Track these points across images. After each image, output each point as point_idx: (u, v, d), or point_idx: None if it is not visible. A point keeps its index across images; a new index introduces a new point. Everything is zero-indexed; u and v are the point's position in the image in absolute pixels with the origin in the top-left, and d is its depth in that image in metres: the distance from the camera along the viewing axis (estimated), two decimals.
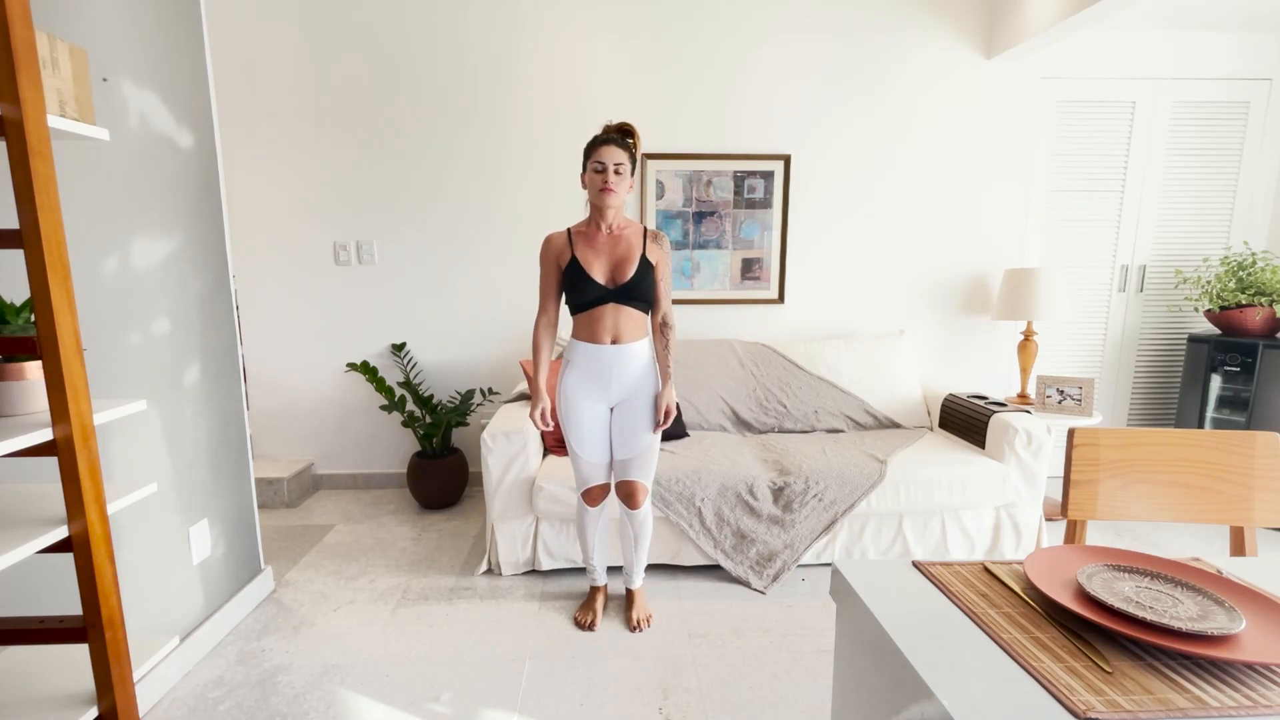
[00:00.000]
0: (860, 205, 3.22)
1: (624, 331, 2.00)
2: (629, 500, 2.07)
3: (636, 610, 2.15)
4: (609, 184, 1.93)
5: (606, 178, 1.93)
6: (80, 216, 1.55)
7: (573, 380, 2.04)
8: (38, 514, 1.12)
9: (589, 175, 1.96)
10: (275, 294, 3.18)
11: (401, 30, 3.00)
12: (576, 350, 2.04)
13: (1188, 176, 3.22)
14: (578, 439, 2.05)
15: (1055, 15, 2.63)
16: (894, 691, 0.78)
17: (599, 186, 1.94)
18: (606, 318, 1.99)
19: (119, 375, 1.67)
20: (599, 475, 2.08)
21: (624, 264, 1.98)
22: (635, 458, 2.04)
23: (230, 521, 2.14)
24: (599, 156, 1.94)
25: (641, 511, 2.10)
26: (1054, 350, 3.36)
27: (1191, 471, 1.29)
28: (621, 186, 1.95)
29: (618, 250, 2.00)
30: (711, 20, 3.04)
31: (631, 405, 2.05)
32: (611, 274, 1.99)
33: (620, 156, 1.94)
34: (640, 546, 2.14)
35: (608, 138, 1.96)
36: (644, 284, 1.97)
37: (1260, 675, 0.71)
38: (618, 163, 1.93)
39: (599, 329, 2.00)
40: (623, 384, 2.04)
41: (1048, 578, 0.87)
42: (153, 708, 1.72)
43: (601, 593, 2.21)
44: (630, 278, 1.97)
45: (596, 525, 2.13)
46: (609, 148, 1.93)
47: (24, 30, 0.97)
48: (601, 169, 1.93)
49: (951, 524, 2.45)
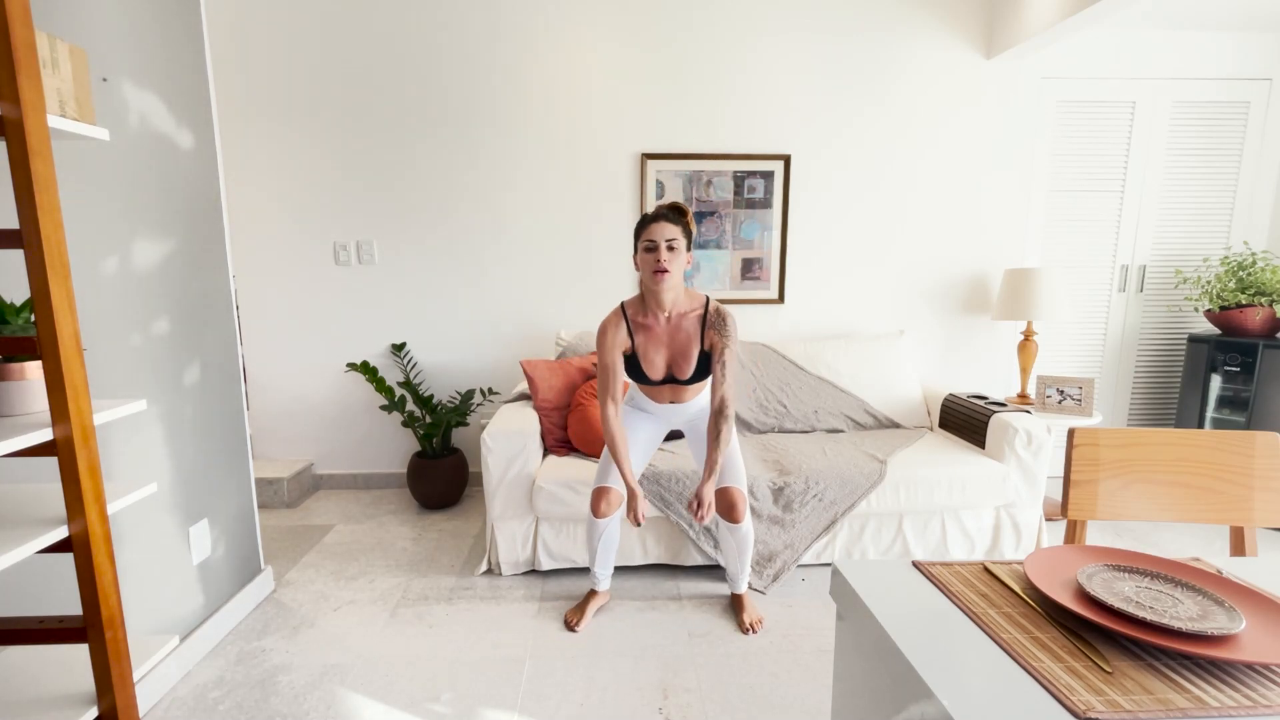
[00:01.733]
0: (860, 205, 3.22)
1: (684, 395, 2.07)
2: (729, 513, 2.03)
3: (747, 614, 2.11)
4: (662, 263, 1.82)
5: (659, 256, 1.83)
6: (80, 216, 1.55)
7: (635, 410, 2.13)
8: (38, 514, 1.12)
9: (640, 256, 1.87)
10: (275, 294, 3.18)
11: (401, 30, 3.00)
12: (639, 396, 2.12)
13: (1188, 176, 3.22)
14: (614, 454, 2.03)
15: (1055, 15, 2.63)
16: (894, 691, 0.78)
17: (652, 268, 1.84)
18: (665, 391, 2.06)
19: (119, 375, 1.67)
20: (619, 481, 2.05)
21: (682, 359, 1.95)
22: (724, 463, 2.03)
23: (230, 521, 2.14)
24: (649, 235, 1.84)
25: (743, 527, 2.06)
26: (1054, 350, 3.36)
27: (1191, 471, 1.29)
28: (676, 265, 1.85)
29: (677, 340, 1.95)
30: (712, 20, 3.04)
31: (700, 421, 2.12)
32: (669, 369, 1.98)
33: (673, 232, 1.84)
34: (743, 556, 2.12)
35: (658, 213, 1.86)
36: (702, 373, 1.98)
37: (1260, 675, 0.71)
38: (670, 239, 1.83)
39: (658, 395, 2.08)
40: (686, 419, 2.13)
41: (1048, 578, 0.87)
42: (153, 708, 1.72)
43: (597, 598, 2.19)
44: (689, 376, 1.97)
45: (601, 535, 2.10)
46: (659, 224, 1.84)
47: (24, 30, 0.97)
48: (653, 247, 1.83)
49: (951, 524, 2.45)
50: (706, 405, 2.09)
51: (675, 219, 1.86)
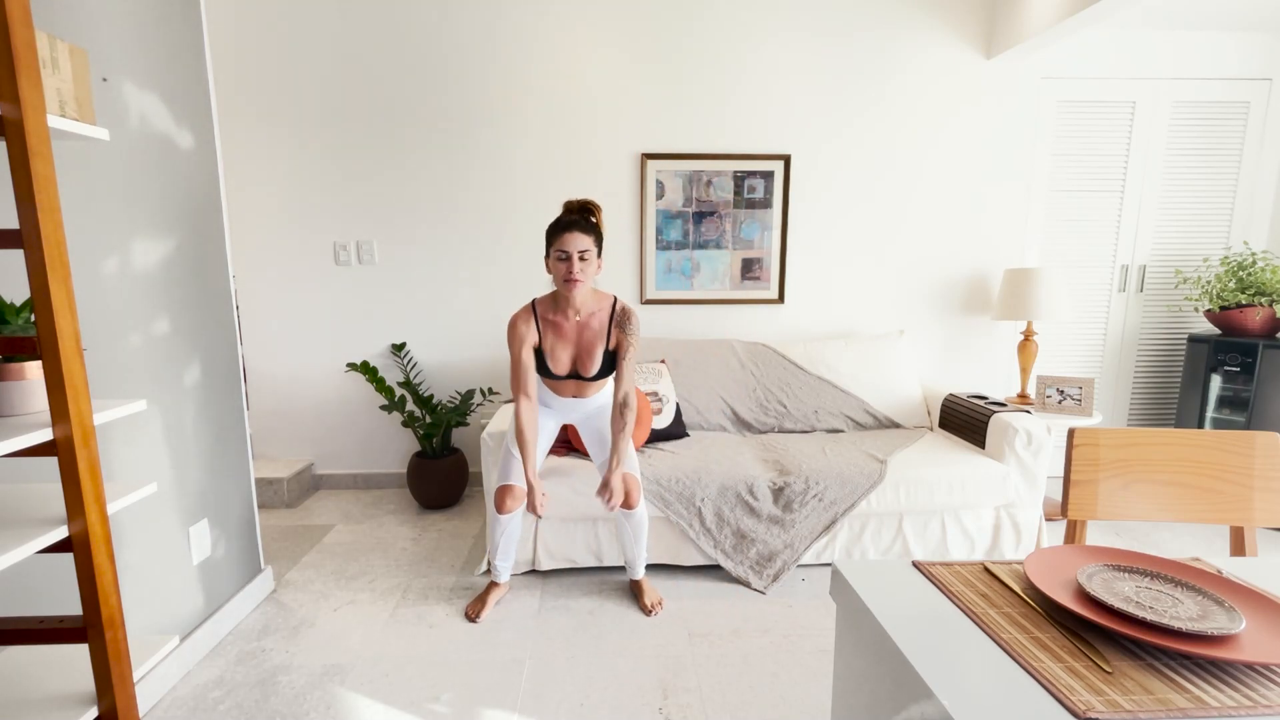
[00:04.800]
0: (860, 205, 3.22)
1: (587, 391, 2.12)
2: (625, 500, 2.09)
3: (648, 596, 2.21)
4: (573, 274, 1.89)
5: (571, 267, 1.89)
6: (80, 216, 1.55)
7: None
8: (38, 514, 1.12)
9: (553, 262, 1.93)
10: (275, 294, 3.18)
11: (402, 30, 3.00)
12: (540, 389, 2.14)
13: (1188, 176, 3.22)
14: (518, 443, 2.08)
15: (1055, 15, 2.63)
16: (894, 691, 0.78)
17: (563, 276, 1.91)
18: (569, 386, 2.11)
19: (119, 375, 1.67)
20: (520, 478, 2.09)
21: (587, 356, 2.02)
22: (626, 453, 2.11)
23: (230, 521, 2.14)
24: (561, 245, 1.90)
25: (638, 512, 2.14)
26: (1054, 350, 3.36)
27: (1191, 471, 1.29)
28: (587, 274, 1.91)
29: (583, 339, 2.02)
30: (712, 20, 3.04)
31: (597, 419, 2.18)
32: (574, 366, 2.05)
33: (585, 243, 1.90)
34: (640, 541, 2.20)
35: (570, 220, 1.91)
36: (605, 372, 2.06)
37: (1260, 675, 0.71)
38: (582, 250, 1.89)
39: (561, 389, 2.12)
40: (583, 415, 2.19)
41: (1048, 578, 0.87)
42: (153, 708, 1.72)
43: (497, 589, 2.23)
44: (593, 374, 2.04)
45: (504, 530, 2.15)
46: (571, 234, 1.89)
47: (24, 30, 0.97)
48: (565, 258, 1.90)
49: (951, 524, 2.45)
50: (605, 403, 2.17)
51: (588, 227, 1.92)
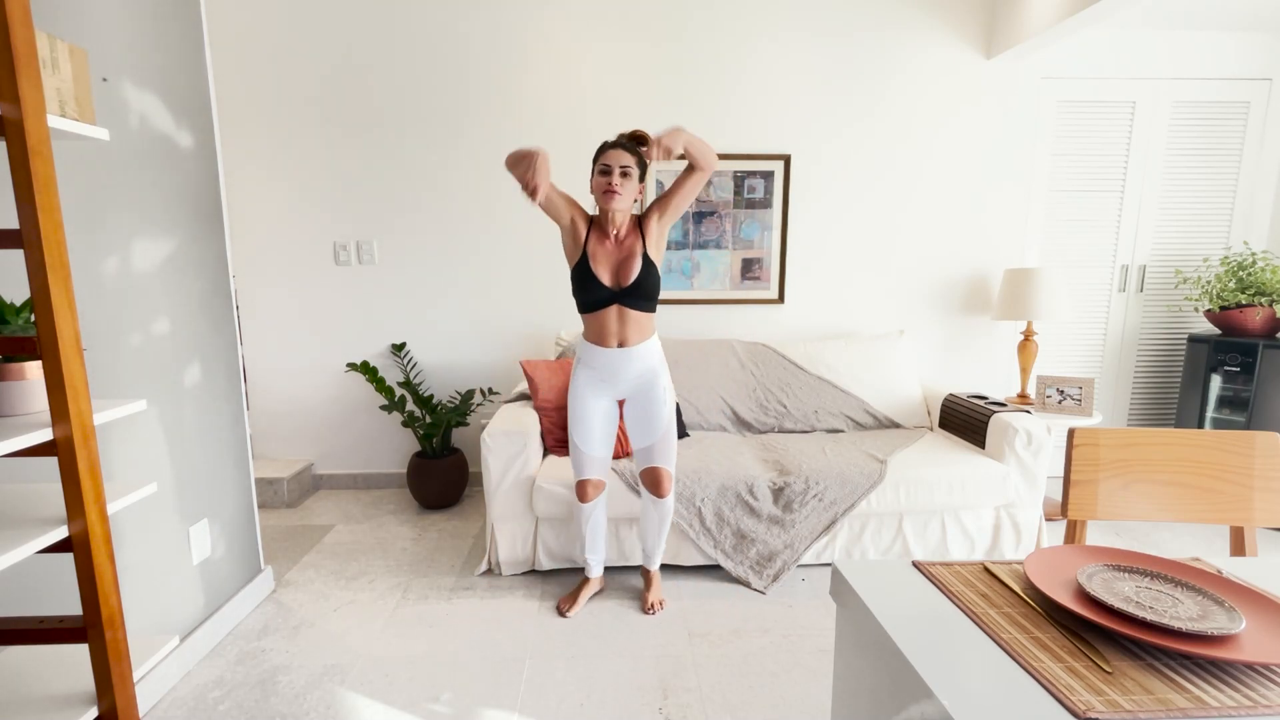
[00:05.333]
0: (860, 205, 3.22)
1: (629, 335, 2.05)
2: (655, 488, 2.12)
3: (653, 593, 2.22)
4: (613, 185, 1.93)
5: (611, 180, 1.93)
6: (80, 216, 1.55)
7: (582, 377, 2.11)
8: (38, 514, 1.12)
9: (595, 179, 1.97)
10: (275, 294, 3.18)
11: (402, 30, 3.00)
12: (585, 349, 2.10)
13: (1188, 176, 3.22)
14: (580, 432, 2.11)
15: (1055, 15, 2.63)
16: (894, 691, 0.78)
17: (603, 188, 1.95)
18: (611, 322, 2.05)
19: (119, 375, 1.67)
20: (595, 470, 2.14)
21: (627, 265, 2.01)
22: (655, 444, 2.12)
23: (230, 521, 2.14)
24: (605, 159, 1.95)
25: (667, 501, 2.15)
26: (1054, 350, 3.36)
27: (1191, 471, 1.29)
28: (627, 189, 1.94)
29: (621, 250, 2.03)
30: (712, 20, 3.04)
31: (643, 396, 2.12)
32: (615, 276, 2.02)
33: (627, 160, 1.94)
34: (662, 533, 2.21)
35: (616, 142, 1.97)
36: (647, 283, 2.01)
37: (1260, 675, 0.71)
38: (624, 165, 1.93)
39: (605, 333, 2.05)
40: (630, 380, 2.11)
41: (1048, 578, 0.87)
42: (153, 708, 1.72)
43: (590, 585, 2.25)
44: (633, 280, 2.00)
45: (589, 520, 2.17)
46: (615, 150, 1.95)
47: (24, 30, 0.97)
48: (607, 171, 1.94)
49: (951, 524, 2.45)
50: (651, 366, 2.09)
51: (631, 149, 1.96)
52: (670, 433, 2.13)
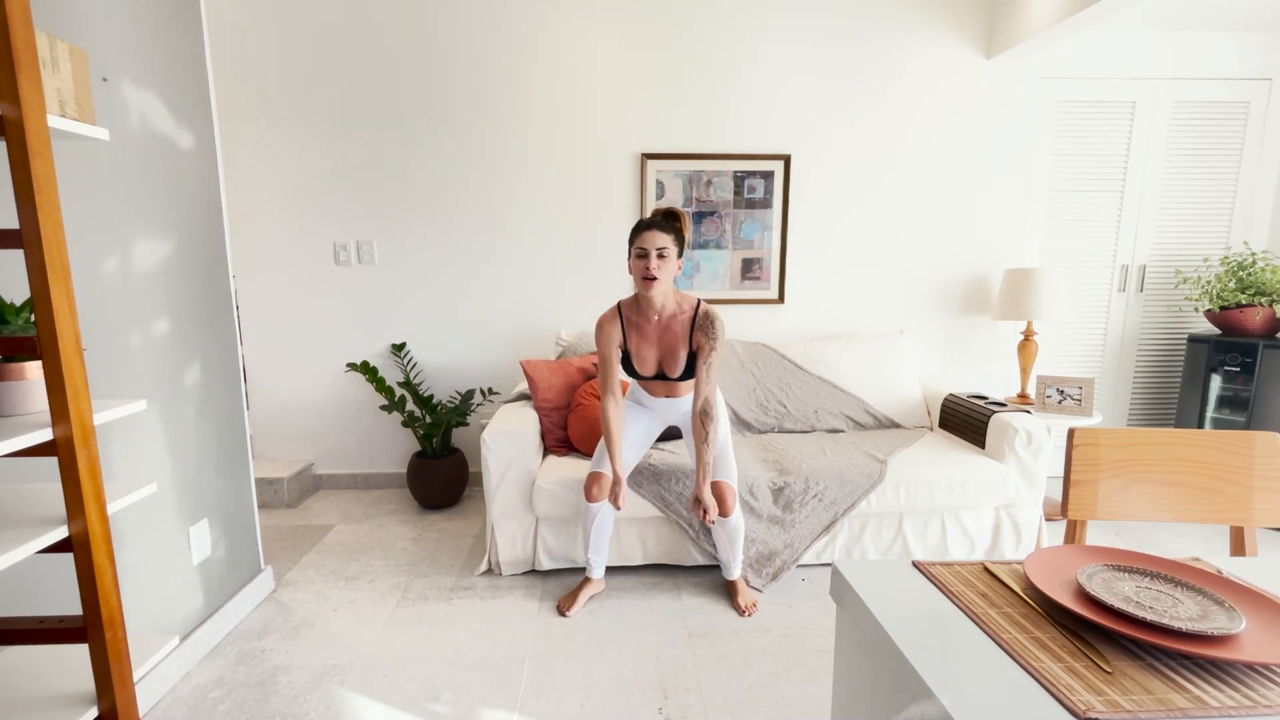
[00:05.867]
0: (860, 205, 3.22)
1: (678, 391, 2.16)
2: (720, 507, 2.12)
3: (742, 598, 2.21)
4: (650, 270, 1.93)
5: (649, 264, 1.93)
6: (80, 216, 1.55)
7: (633, 403, 2.23)
8: (38, 514, 1.12)
9: (633, 261, 1.98)
10: (275, 294, 3.18)
11: (402, 30, 3.00)
12: (637, 392, 2.22)
13: (1188, 176, 3.22)
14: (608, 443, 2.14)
15: (1055, 15, 2.63)
16: (894, 691, 0.78)
17: (642, 274, 1.95)
18: (658, 386, 2.16)
19: (119, 375, 1.67)
20: (608, 467, 2.14)
21: (671, 358, 2.07)
22: (715, 459, 2.14)
23: (230, 521, 2.14)
24: (641, 243, 1.95)
25: (733, 520, 2.14)
26: (1054, 350, 3.36)
27: (1191, 471, 1.29)
28: (665, 273, 1.95)
29: (666, 340, 2.06)
30: (712, 20, 3.04)
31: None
32: (659, 367, 2.09)
33: (663, 241, 1.93)
34: (735, 544, 2.19)
35: (651, 221, 1.96)
36: (691, 373, 2.07)
37: (1260, 675, 0.71)
38: (660, 247, 1.93)
39: (653, 389, 2.18)
40: (681, 415, 2.23)
41: (1048, 578, 0.87)
42: (153, 708, 1.73)
43: (590, 585, 2.25)
44: (678, 375, 2.07)
45: (594, 520, 2.17)
46: (651, 233, 1.93)
47: (24, 30, 0.97)
48: (644, 255, 1.94)
49: (951, 524, 2.45)
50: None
51: (668, 227, 1.96)
52: (727, 450, 2.16)
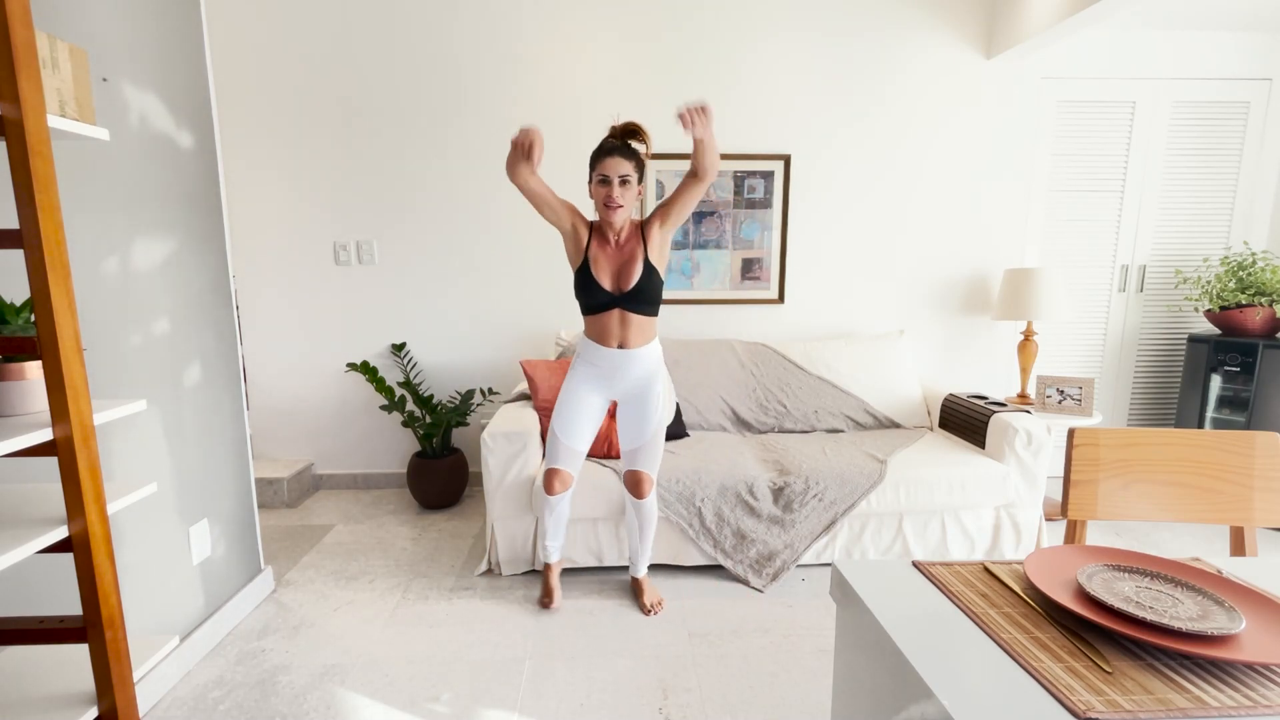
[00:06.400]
0: (860, 205, 3.22)
1: (631, 337, 2.06)
2: (635, 489, 2.13)
3: (648, 596, 2.22)
4: (613, 198, 1.90)
5: (611, 192, 1.90)
6: (80, 216, 1.55)
7: (581, 372, 2.12)
8: (38, 514, 1.12)
9: (594, 187, 1.93)
10: (275, 294, 3.18)
11: (402, 30, 3.00)
12: (586, 346, 2.11)
13: (1188, 176, 3.22)
14: (563, 422, 2.11)
15: (1055, 15, 2.63)
16: (894, 691, 0.78)
17: (603, 201, 1.92)
18: (613, 324, 2.05)
19: (119, 375, 1.66)
20: (569, 462, 2.12)
21: (628, 269, 2.00)
22: (642, 448, 2.13)
23: (230, 521, 2.14)
24: (602, 169, 1.90)
25: (647, 502, 2.16)
26: (1054, 350, 3.36)
27: (1191, 471, 1.29)
28: (628, 199, 1.91)
29: (623, 253, 2.02)
30: (711, 20, 3.04)
31: (637, 398, 2.13)
32: (616, 280, 2.02)
33: (625, 168, 1.90)
34: (645, 537, 2.21)
35: (612, 146, 1.91)
36: (649, 288, 2.01)
37: (1260, 675, 0.71)
38: (623, 175, 1.89)
39: (606, 334, 2.06)
40: (628, 382, 2.11)
41: (1048, 578, 0.87)
42: (153, 708, 1.72)
43: (553, 569, 2.24)
44: (634, 285, 1.99)
45: (553, 511, 2.16)
46: (613, 159, 1.90)
47: (24, 30, 0.97)
48: (606, 182, 1.90)
49: (951, 524, 2.45)
50: (650, 370, 2.10)
51: (628, 152, 1.91)
52: (658, 438, 2.14)
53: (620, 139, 1.96)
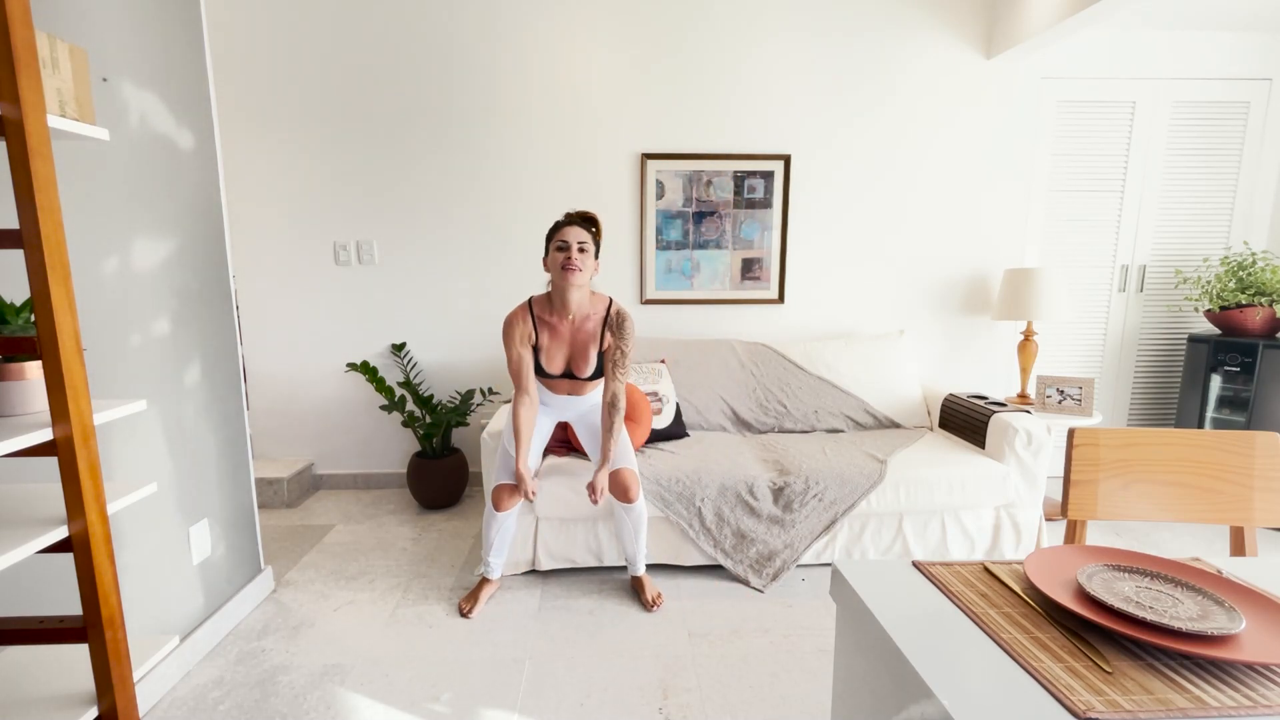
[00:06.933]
0: (860, 205, 3.22)
1: (582, 389, 2.17)
2: (624, 495, 2.14)
3: (648, 592, 2.24)
4: (572, 261, 1.95)
5: (570, 255, 1.95)
6: (80, 216, 1.55)
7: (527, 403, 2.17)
8: (38, 514, 1.12)
9: (551, 256, 1.99)
10: (275, 294, 3.18)
11: (402, 31, 3.00)
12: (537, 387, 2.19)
13: (1188, 176, 3.22)
14: (513, 440, 2.14)
15: (1055, 15, 2.63)
16: (894, 691, 0.78)
17: (561, 264, 1.96)
18: (563, 384, 2.16)
19: (119, 375, 1.67)
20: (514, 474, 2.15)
21: (581, 357, 2.08)
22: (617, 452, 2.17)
23: (230, 521, 2.14)
24: (562, 236, 1.98)
25: (637, 505, 2.17)
26: (1054, 350, 3.36)
27: (1191, 471, 1.29)
28: (586, 265, 1.97)
29: (578, 340, 2.08)
30: (712, 20, 3.04)
31: (592, 416, 2.23)
32: (568, 365, 2.10)
33: (583, 236, 1.97)
34: (639, 537, 2.22)
35: (570, 219, 2.01)
36: (599, 374, 2.11)
37: (1260, 675, 0.71)
38: (581, 241, 1.96)
39: (556, 388, 2.17)
40: (578, 413, 2.24)
41: (1048, 578, 0.87)
42: (153, 708, 1.73)
43: (489, 585, 2.25)
44: (588, 375, 2.09)
45: (500, 527, 2.19)
46: (571, 228, 1.98)
47: (24, 30, 0.97)
48: (565, 247, 1.96)
49: (951, 524, 2.45)
50: (599, 401, 2.20)
51: (586, 225, 2.01)
52: (625, 440, 2.21)
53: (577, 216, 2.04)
